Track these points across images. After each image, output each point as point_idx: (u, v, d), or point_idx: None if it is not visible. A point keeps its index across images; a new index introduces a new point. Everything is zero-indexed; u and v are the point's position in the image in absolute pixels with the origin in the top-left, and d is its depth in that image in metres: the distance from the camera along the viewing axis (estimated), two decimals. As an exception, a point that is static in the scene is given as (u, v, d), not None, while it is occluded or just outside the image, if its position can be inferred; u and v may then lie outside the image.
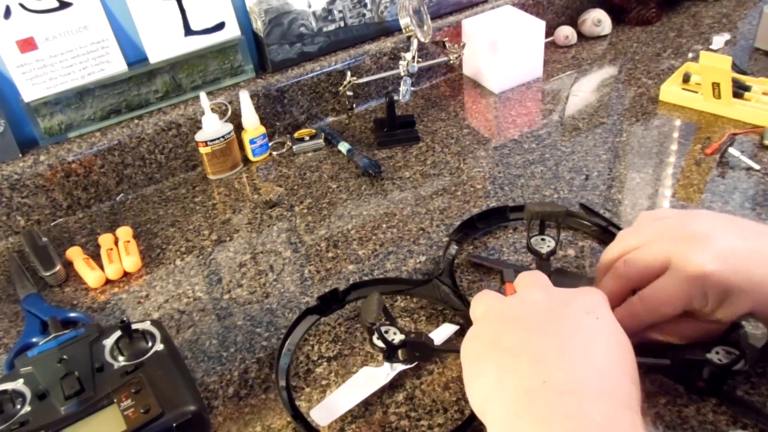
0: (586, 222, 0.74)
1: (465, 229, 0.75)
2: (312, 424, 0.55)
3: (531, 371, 0.36)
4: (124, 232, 0.81)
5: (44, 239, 0.79)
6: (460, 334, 0.63)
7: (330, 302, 0.67)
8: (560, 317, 0.40)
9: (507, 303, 0.45)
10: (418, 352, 0.56)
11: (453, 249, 0.72)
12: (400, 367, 0.58)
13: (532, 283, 0.47)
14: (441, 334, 0.62)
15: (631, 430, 0.33)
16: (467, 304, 0.63)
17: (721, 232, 0.47)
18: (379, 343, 0.55)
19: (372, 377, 0.58)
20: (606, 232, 0.72)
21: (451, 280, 0.67)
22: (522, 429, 0.34)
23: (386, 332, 0.55)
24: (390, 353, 0.56)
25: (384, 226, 0.79)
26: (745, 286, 0.45)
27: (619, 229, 0.71)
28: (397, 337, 0.55)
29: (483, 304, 0.48)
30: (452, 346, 0.61)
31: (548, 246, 0.64)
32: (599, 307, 0.41)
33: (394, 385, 0.58)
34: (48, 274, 0.75)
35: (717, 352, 0.49)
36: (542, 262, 0.64)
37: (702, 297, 0.47)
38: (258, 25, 0.94)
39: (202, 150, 0.89)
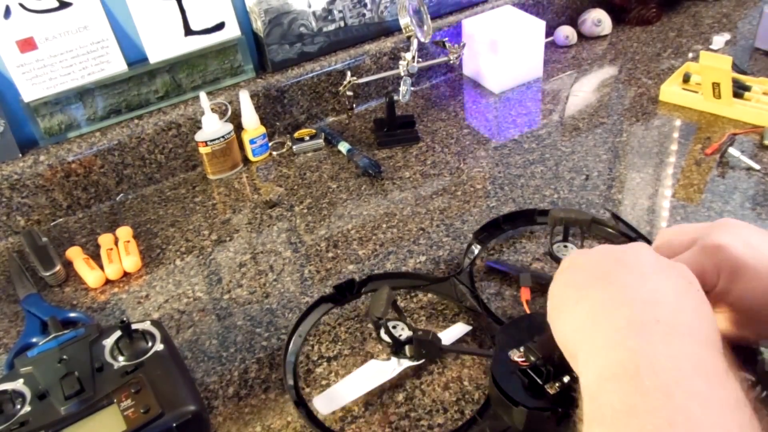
0: (612, 231, 0.72)
1: (489, 229, 0.74)
2: (314, 413, 0.56)
3: (645, 309, 0.38)
4: (124, 232, 0.81)
5: (44, 239, 0.79)
6: (473, 335, 0.63)
7: (345, 292, 0.66)
8: (670, 275, 0.41)
9: (610, 247, 0.46)
10: (425, 349, 0.56)
11: (475, 249, 0.72)
12: (406, 363, 0.58)
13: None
14: (452, 333, 0.62)
15: (727, 374, 0.35)
16: (483, 305, 0.63)
17: (745, 226, 0.49)
18: (386, 338, 0.55)
19: (378, 371, 0.58)
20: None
21: (470, 279, 0.67)
22: (622, 359, 0.35)
23: (394, 327, 0.55)
24: (397, 349, 0.56)
25: (384, 226, 0.79)
26: (758, 268, 0.45)
27: (647, 239, 0.69)
28: (404, 333, 0.55)
29: (575, 252, 0.49)
30: (461, 347, 0.61)
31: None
32: (697, 282, 0.43)
33: (394, 384, 0.58)
34: (48, 274, 0.75)
35: None
36: None
37: (714, 271, 0.47)
38: (258, 25, 0.94)
39: (202, 150, 0.89)
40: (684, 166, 0.83)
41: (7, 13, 0.79)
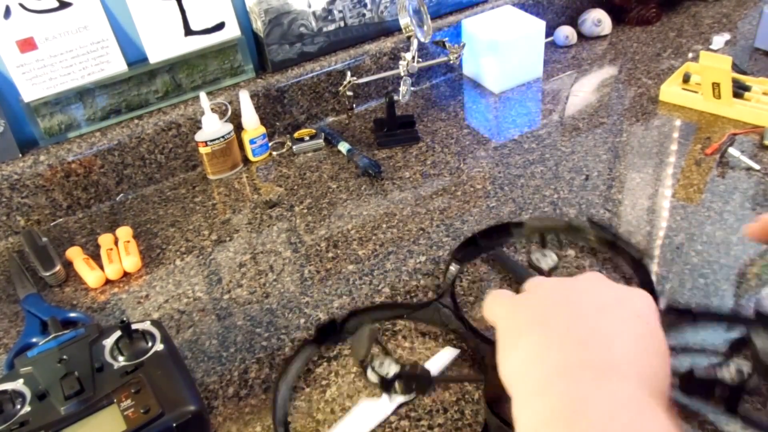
0: (591, 236, 0.71)
1: (467, 247, 0.72)
2: None
3: (575, 351, 0.37)
4: (124, 232, 0.81)
5: (44, 239, 0.79)
6: (462, 358, 0.61)
7: (328, 333, 0.64)
8: (612, 312, 0.40)
9: (559, 284, 0.44)
10: (416, 383, 0.54)
11: (454, 268, 0.70)
12: (399, 398, 0.56)
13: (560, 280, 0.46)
14: (441, 359, 0.60)
15: (655, 410, 0.33)
16: (468, 327, 0.61)
17: None
18: (374, 378, 0.53)
19: (372, 411, 0.56)
20: (614, 247, 0.68)
21: (453, 301, 0.65)
22: (554, 404, 0.34)
23: (381, 365, 0.53)
24: (387, 386, 0.54)
25: (384, 226, 0.79)
26: None
27: (627, 243, 0.68)
28: (392, 369, 0.53)
29: (531, 282, 0.46)
30: (451, 377, 0.59)
31: (552, 260, 0.61)
32: (651, 313, 0.41)
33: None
34: (48, 274, 0.75)
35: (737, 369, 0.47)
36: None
37: None
38: (258, 25, 0.94)
39: (202, 150, 0.89)
40: (684, 166, 0.83)
41: (7, 13, 0.79)
